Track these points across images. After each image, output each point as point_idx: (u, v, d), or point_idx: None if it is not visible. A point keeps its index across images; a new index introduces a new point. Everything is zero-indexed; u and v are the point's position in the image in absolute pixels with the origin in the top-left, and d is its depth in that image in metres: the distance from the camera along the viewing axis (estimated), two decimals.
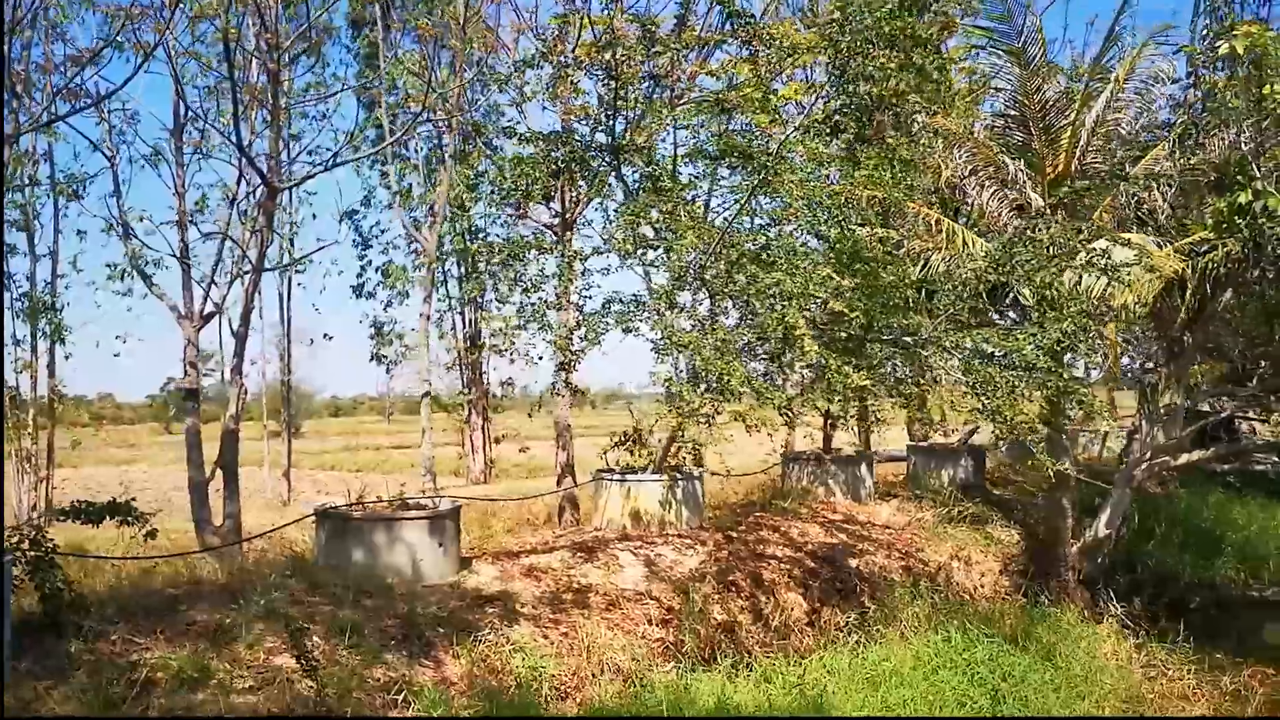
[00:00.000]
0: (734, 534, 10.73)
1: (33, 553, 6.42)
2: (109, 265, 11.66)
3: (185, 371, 9.21)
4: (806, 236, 10.00)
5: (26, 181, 13.79)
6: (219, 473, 9.79)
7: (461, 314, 24.16)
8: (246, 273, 9.42)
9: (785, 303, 7.39)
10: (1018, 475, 16.30)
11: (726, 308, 9.46)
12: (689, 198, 9.80)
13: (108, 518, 6.75)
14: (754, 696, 7.23)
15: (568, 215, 11.97)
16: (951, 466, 14.85)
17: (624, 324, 8.99)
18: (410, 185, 18.18)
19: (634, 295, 8.89)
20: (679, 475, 10.61)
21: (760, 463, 14.08)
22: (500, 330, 8.34)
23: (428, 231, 11.93)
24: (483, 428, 24.42)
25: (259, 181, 9.21)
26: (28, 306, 14.92)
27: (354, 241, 19.83)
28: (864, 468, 13.42)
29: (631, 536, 10.13)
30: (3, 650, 3.77)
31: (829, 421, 13.34)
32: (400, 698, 6.30)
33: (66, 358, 16.45)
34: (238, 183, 9.27)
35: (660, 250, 8.49)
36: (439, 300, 22.04)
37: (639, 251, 8.54)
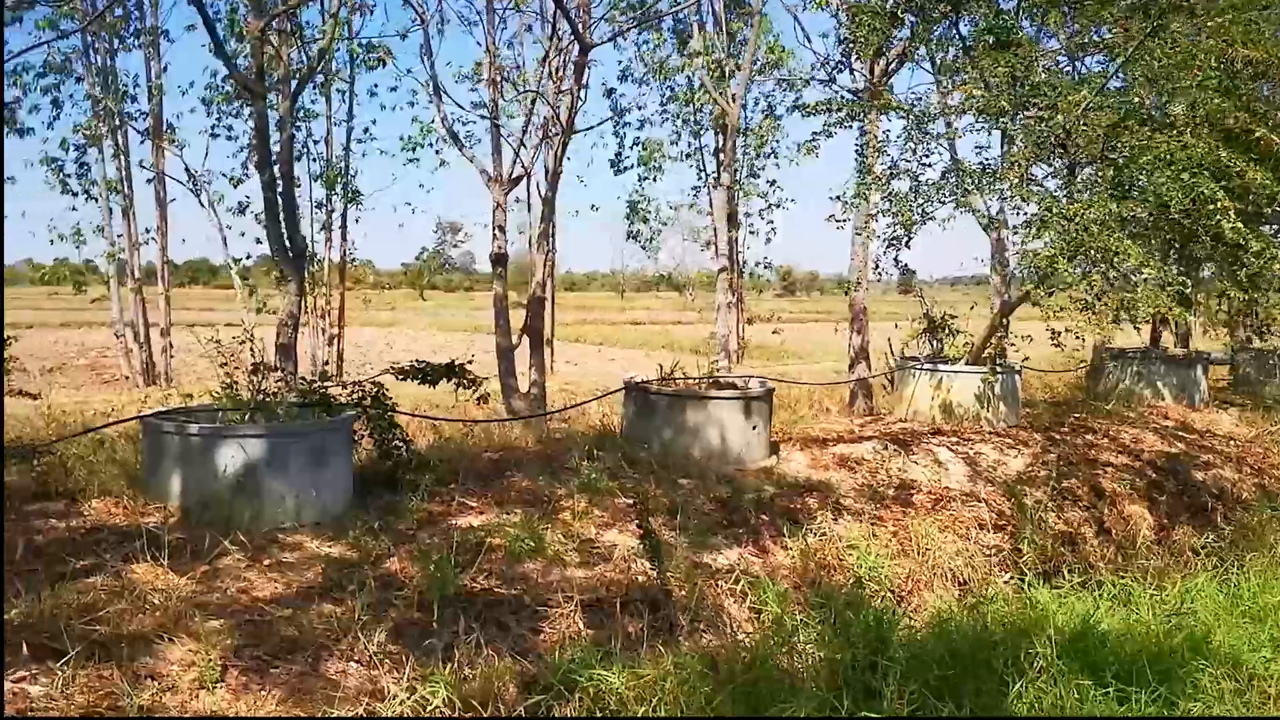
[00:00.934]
0: (1056, 435, 9.70)
1: (374, 410, 6.50)
2: (403, 138, 11.61)
3: (494, 236, 9.06)
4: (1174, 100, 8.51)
5: (334, 42, 13.99)
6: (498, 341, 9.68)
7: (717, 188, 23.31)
8: (556, 134, 9.04)
9: (1194, 171, 6.17)
10: None
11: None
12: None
13: (445, 379, 6.67)
14: (1117, 621, 6.38)
15: (877, 81, 10.89)
16: None
17: (958, 198, 8.05)
18: (677, 55, 17.35)
19: (979, 164, 7.83)
20: (1000, 368, 9.62)
21: (1068, 359, 12.76)
22: (841, 199, 7.57)
23: (730, 97, 11.13)
24: (736, 307, 23.87)
25: (569, 39, 8.71)
26: (325, 170, 15.47)
27: (611, 119, 19.32)
28: (1199, 370, 11.85)
29: (944, 431, 9.31)
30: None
31: (1159, 316, 11.82)
32: (738, 587, 5.92)
33: (356, 221, 17.18)
34: (550, 39, 8.82)
35: (1027, 112, 7.34)
36: (696, 177, 21.30)
37: (1011, 112, 7.38)
